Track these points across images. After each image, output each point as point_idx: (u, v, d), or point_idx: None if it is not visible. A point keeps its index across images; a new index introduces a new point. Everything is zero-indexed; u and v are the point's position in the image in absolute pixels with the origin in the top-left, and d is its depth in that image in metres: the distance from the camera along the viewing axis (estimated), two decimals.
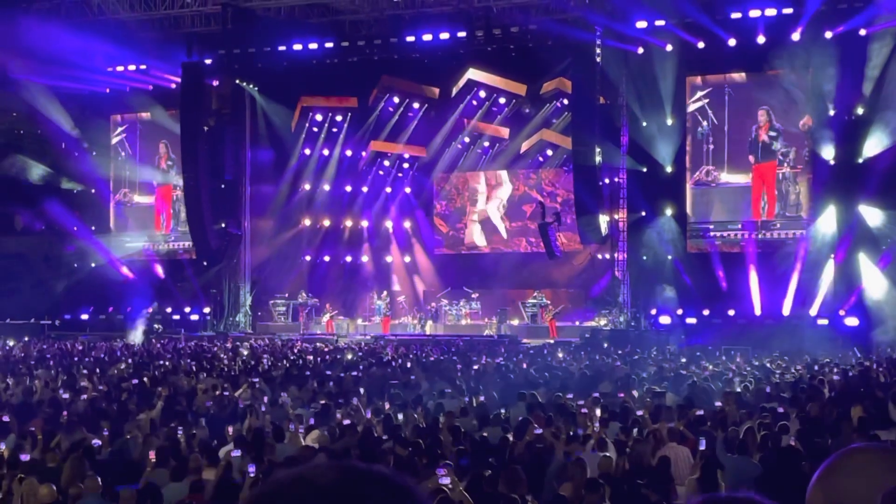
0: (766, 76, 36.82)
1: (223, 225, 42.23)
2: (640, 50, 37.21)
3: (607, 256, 39.52)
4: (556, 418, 15.22)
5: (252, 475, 10.82)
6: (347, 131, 44.49)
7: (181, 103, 41.82)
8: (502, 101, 42.31)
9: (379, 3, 39.93)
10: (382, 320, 41.70)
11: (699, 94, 37.99)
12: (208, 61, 42.26)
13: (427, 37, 39.18)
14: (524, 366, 25.89)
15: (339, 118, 44.40)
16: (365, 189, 46.64)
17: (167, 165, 45.55)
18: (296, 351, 32.19)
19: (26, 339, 37.94)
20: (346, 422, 15.00)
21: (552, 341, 36.44)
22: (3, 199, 47.53)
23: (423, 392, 19.83)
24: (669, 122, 37.89)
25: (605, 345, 33.75)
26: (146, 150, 46.00)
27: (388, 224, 46.83)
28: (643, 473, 11.46)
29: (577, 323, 39.89)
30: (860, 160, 35.14)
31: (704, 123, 37.88)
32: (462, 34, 38.96)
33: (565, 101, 40.30)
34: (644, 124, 38.05)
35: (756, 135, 37.29)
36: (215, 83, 43.19)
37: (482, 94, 42.36)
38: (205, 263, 42.52)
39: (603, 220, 38.14)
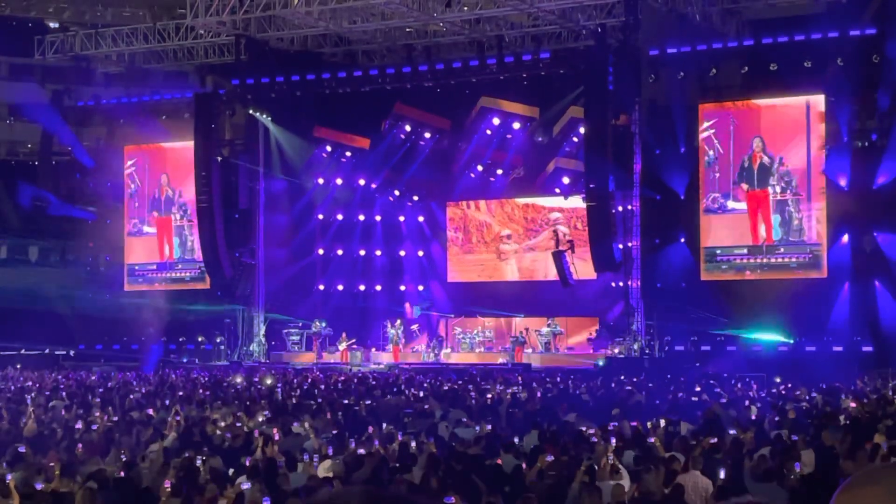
0: (778, 103, 36.80)
1: (237, 254, 42.29)
2: (653, 77, 37.23)
3: (621, 284, 39.37)
4: (570, 446, 15.15)
5: None
6: (360, 160, 44.54)
7: (195, 134, 41.93)
8: (517, 126, 42.11)
9: (391, 32, 40.10)
10: (395, 349, 41.66)
11: (707, 122, 37.88)
12: (222, 92, 42.49)
13: (439, 66, 39.37)
14: (538, 394, 25.81)
15: (348, 153, 44.43)
16: (378, 218, 46.66)
17: (166, 198, 45.71)
18: (309, 380, 32.16)
19: (41, 370, 37.95)
20: (360, 451, 14.95)
21: (573, 367, 36.38)
22: (18, 231, 47.77)
23: (437, 420, 19.77)
24: (682, 149, 37.86)
25: (620, 373, 33.58)
26: (151, 181, 46.16)
27: (402, 252, 46.81)
28: (654, 501, 11.37)
29: (592, 351, 39.76)
30: (875, 186, 35.09)
31: (711, 152, 37.80)
32: (474, 63, 39.10)
33: (581, 130, 40.23)
34: (657, 152, 38.03)
35: (749, 163, 37.20)
36: (229, 113, 43.40)
37: (496, 121, 42.20)
38: (219, 294, 42.57)
39: (616, 248, 38.02)
